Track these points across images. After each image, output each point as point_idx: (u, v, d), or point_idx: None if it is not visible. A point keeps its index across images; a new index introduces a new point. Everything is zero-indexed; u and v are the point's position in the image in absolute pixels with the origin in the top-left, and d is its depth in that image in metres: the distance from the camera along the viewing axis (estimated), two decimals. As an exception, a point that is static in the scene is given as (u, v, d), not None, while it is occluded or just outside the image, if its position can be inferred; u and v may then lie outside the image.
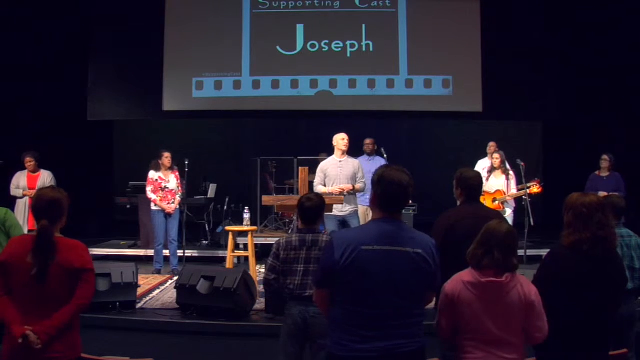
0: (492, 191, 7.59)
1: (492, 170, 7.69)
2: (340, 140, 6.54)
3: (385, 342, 2.46)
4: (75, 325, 3.02)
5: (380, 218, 2.61)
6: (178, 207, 7.44)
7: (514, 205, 7.66)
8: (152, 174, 7.37)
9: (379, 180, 2.60)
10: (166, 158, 7.36)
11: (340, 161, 6.48)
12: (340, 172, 6.40)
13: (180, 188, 7.48)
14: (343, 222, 6.32)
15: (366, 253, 2.49)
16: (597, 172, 8.09)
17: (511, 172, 7.62)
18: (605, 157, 8.02)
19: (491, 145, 8.21)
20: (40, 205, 3.04)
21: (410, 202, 8.40)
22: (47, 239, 2.94)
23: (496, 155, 7.67)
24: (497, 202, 7.49)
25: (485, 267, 2.75)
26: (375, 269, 2.48)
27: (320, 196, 3.97)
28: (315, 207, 3.79)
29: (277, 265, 3.71)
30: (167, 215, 7.32)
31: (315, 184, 6.49)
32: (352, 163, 6.52)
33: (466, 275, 2.79)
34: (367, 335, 2.47)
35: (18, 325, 2.87)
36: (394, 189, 2.56)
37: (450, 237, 3.45)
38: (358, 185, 6.46)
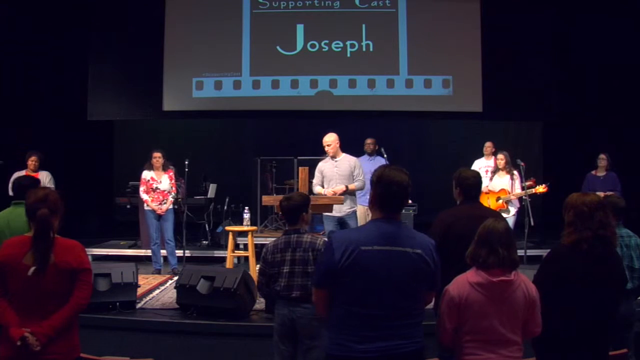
0: (497, 190, 7.57)
1: (496, 170, 7.68)
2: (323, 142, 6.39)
3: (385, 343, 2.46)
4: (74, 325, 3.00)
5: (379, 218, 2.60)
6: (172, 207, 7.35)
7: (518, 205, 7.63)
8: (145, 174, 7.31)
9: (378, 181, 2.60)
10: (154, 158, 7.26)
11: (336, 160, 6.34)
12: (335, 172, 6.28)
13: (174, 189, 7.40)
14: (341, 222, 6.22)
15: (366, 253, 2.48)
16: (593, 172, 8.09)
17: (515, 173, 7.60)
18: (602, 156, 8.01)
19: (488, 146, 8.21)
20: (31, 201, 3.04)
21: (410, 202, 8.41)
22: (46, 228, 2.91)
23: (500, 156, 7.63)
24: (501, 201, 7.47)
25: (492, 266, 2.74)
26: (375, 269, 2.48)
27: (302, 195, 3.94)
28: (292, 206, 3.77)
29: (266, 269, 3.74)
30: (159, 216, 7.26)
31: (313, 184, 6.45)
32: (348, 161, 6.34)
33: (471, 276, 2.77)
34: (367, 336, 2.46)
35: (16, 327, 2.85)
36: (394, 189, 2.56)
37: (448, 236, 3.46)
38: (353, 185, 6.26)
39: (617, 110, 9.40)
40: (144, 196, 7.27)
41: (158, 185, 7.27)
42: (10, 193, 7.45)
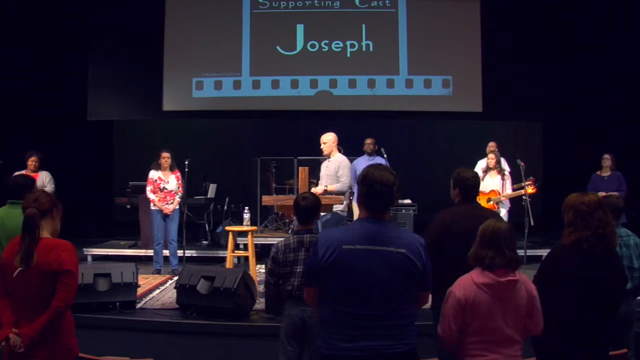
0: (487, 191, 7.58)
1: (487, 170, 7.68)
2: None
3: (372, 342, 2.45)
4: (66, 327, 2.95)
5: (365, 217, 2.60)
6: (178, 207, 7.38)
7: (508, 205, 7.64)
8: (152, 174, 7.34)
9: (363, 180, 2.59)
10: (163, 159, 7.30)
11: (328, 160, 6.36)
12: (325, 172, 6.30)
13: (180, 189, 7.43)
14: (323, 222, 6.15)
15: (347, 252, 2.48)
16: (598, 172, 8.08)
17: (507, 172, 7.61)
18: (607, 156, 8.01)
19: (490, 145, 8.19)
20: (26, 203, 3.03)
21: (410, 201, 8.41)
22: (31, 228, 2.88)
23: (491, 156, 7.66)
24: (491, 202, 7.48)
25: (498, 267, 2.74)
26: (357, 269, 2.47)
27: (316, 195, 3.94)
28: (310, 205, 3.76)
29: (275, 269, 3.71)
30: (166, 216, 7.29)
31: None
32: (335, 162, 6.28)
33: (477, 276, 2.75)
34: (354, 335, 2.46)
35: (6, 328, 2.84)
36: (378, 189, 2.54)
37: (446, 236, 3.44)
38: (333, 186, 6.12)
39: (617, 110, 9.40)
40: (151, 196, 7.28)
41: (165, 185, 7.30)
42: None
